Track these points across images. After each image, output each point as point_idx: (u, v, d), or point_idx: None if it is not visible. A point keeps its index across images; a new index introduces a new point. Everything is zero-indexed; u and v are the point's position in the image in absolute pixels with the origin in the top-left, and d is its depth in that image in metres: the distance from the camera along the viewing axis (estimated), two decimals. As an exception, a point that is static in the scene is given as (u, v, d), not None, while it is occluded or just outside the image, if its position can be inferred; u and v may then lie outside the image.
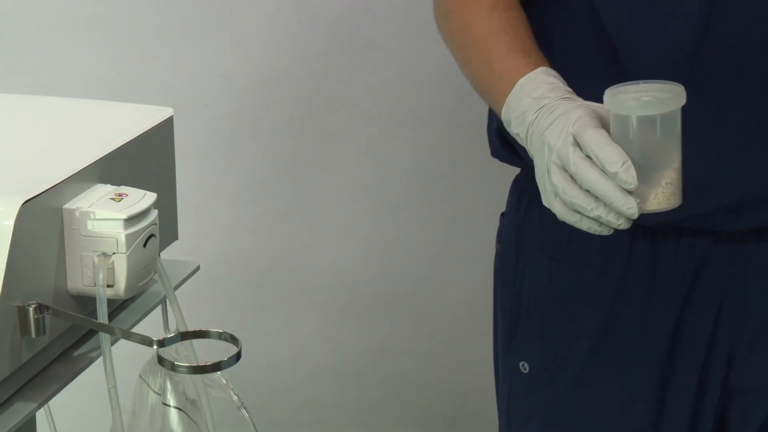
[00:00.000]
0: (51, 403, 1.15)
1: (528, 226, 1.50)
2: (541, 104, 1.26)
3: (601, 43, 1.38)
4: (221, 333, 1.09)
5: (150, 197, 1.15)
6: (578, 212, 1.20)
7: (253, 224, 2.29)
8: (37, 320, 1.08)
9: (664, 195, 1.18)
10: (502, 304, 1.55)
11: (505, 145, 1.51)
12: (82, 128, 1.27)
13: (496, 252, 1.56)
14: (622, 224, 1.19)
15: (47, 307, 1.09)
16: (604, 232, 1.20)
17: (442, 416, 2.38)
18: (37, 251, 1.09)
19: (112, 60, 2.17)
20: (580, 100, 1.25)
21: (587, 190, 1.18)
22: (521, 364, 1.52)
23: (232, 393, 1.25)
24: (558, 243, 1.47)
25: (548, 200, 1.23)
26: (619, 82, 1.24)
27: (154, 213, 1.15)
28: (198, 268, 1.35)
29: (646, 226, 1.40)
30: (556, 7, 1.42)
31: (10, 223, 1.05)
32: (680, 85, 1.18)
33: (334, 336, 2.36)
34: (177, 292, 1.26)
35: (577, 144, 1.19)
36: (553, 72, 1.30)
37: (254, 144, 2.26)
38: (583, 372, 1.48)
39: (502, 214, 1.57)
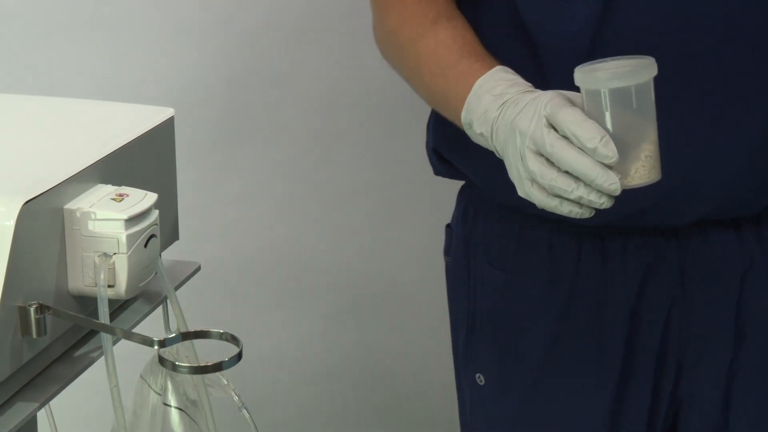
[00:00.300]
0: (52, 403, 1.15)
1: (476, 238, 1.49)
2: (503, 100, 1.25)
3: (520, 31, 1.38)
4: (222, 333, 1.09)
5: (151, 197, 1.15)
6: (558, 196, 1.18)
7: (253, 224, 2.29)
8: (38, 320, 1.08)
9: (644, 168, 1.16)
10: (456, 317, 1.55)
11: (443, 162, 1.50)
12: (83, 128, 1.27)
13: (446, 265, 1.56)
14: (605, 203, 1.16)
15: (48, 308, 1.09)
16: (585, 214, 1.18)
17: (442, 416, 2.38)
18: (38, 251, 1.09)
19: (112, 60, 2.17)
20: (543, 91, 1.23)
21: (566, 172, 1.16)
22: (477, 376, 1.51)
23: (233, 393, 1.25)
24: (505, 253, 1.46)
25: (525, 189, 1.20)
26: (538, 73, 1.26)
27: (155, 213, 1.15)
28: (199, 269, 1.35)
29: (593, 229, 1.40)
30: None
31: (12, 223, 1.05)
32: (651, 58, 1.16)
33: (334, 336, 2.36)
34: (178, 292, 1.26)
35: (551, 125, 1.17)
36: (510, 70, 1.29)
37: (255, 144, 2.26)
38: (537, 383, 1.47)
39: (448, 226, 1.57)
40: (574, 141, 1.15)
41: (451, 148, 1.48)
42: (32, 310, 1.08)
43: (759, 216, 1.43)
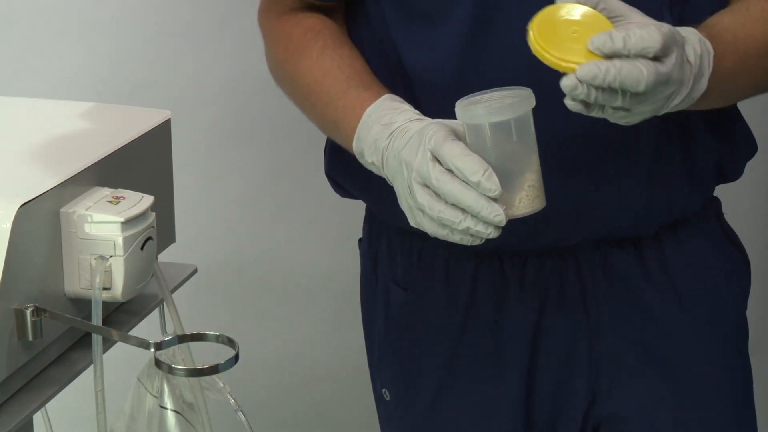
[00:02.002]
0: (48, 405, 1.15)
1: (382, 256, 1.50)
2: (391, 129, 1.25)
3: (394, 57, 1.38)
4: (218, 336, 1.09)
5: (147, 200, 1.15)
6: (448, 226, 1.18)
7: (250, 227, 2.29)
8: (34, 323, 1.08)
9: (528, 198, 1.17)
10: (367, 331, 1.55)
11: (338, 187, 1.52)
12: (79, 131, 1.27)
13: (360, 281, 1.56)
14: (492, 233, 1.16)
15: (44, 310, 1.09)
16: (476, 242, 1.18)
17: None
18: (35, 254, 1.09)
19: (109, 62, 2.17)
20: (430, 119, 1.24)
21: (453, 204, 1.16)
22: (383, 390, 1.51)
23: (229, 396, 1.25)
24: (408, 273, 1.46)
25: (416, 219, 1.21)
26: (413, 101, 1.27)
27: (152, 216, 1.15)
28: (195, 271, 1.35)
29: (492, 251, 1.40)
30: (363, 26, 1.42)
31: (8, 226, 1.05)
32: (528, 89, 1.16)
33: (331, 338, 2.36)
34: (174, 295, 1.26)
35: (436, 159, 1.17)
36: (398, 98, 1.29)
37: (252, 147, 2.26)
38: (435, 402, 1.46)
39: (360, 240, 1.57)
40: (458, 174, 1.15)
41: (345, 174, 1.49)
42: (28, 312, 1.08)
43: (659, 235, 1.41)
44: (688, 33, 1.20)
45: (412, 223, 1.22)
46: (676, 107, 1.20)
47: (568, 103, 1.13)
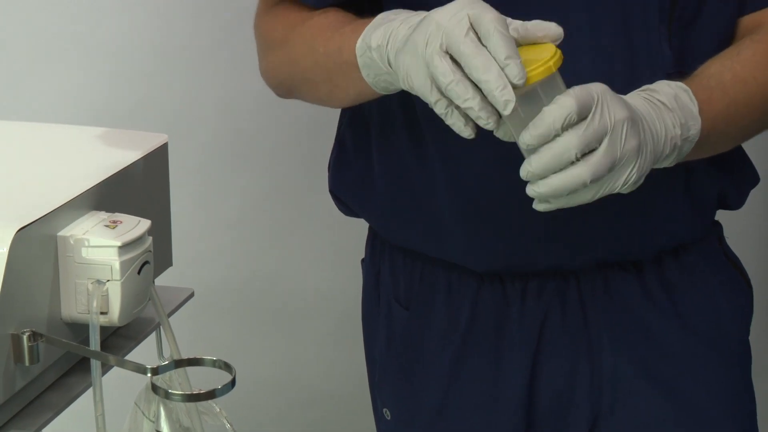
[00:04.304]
0: (45, 430, 1.15)
1: (384, 275, 1.50)
2: (409, 16, 1.18)
3: None
4: (215, 361, 1.09)
5: (144, 224, 1.15)
6: (451, 103, 1.12)
7: (246, 249, 2.29)
8: (31, 348, 1.08)
9: None
10: (367, 352, 1.55)
11: (341, 204, 1.51)
12: (76, 155, 1.27)
13: (362, 299, 1.56)
14: (490, 124, 1.11)
15: (41, 335, 1.08)
16: (467, 132, 1.12)
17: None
18: (32, 279, 1.09)
19: (106, 85, 2.17)
20: None
21: (468, 80, 1.09)
22: (384, 410, 1.51)
23: (225, 421, 1.24)
24: (409, 291, 1.46)
25: (426, 91, 1.14)
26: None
27: (149, 240, 1.15)
28: (192, 294, 1.35)
29: (493, 272, 1.40)
30: None
31: (5, 250, 1.04)
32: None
33: (329, 360, 2.36)
34: (171, 318, 1.25)
35: (472, 28, 1.10)
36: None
37: (247, 169, 2.26)
38: (435, 423, 1.46)
39: (362, 261, 1.57)
40: (490, 50, 1.09)
41: (348, 192, 1.48)
42: (25, 337, 1.07)
43: (661, 258, 1.41)
44: (656, 85, 1.22)
45: (412, 84, 1.15)
46: (681, 150, 1.20)
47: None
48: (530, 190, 1.13)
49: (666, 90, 1.21)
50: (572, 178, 1.11)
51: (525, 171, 1.12)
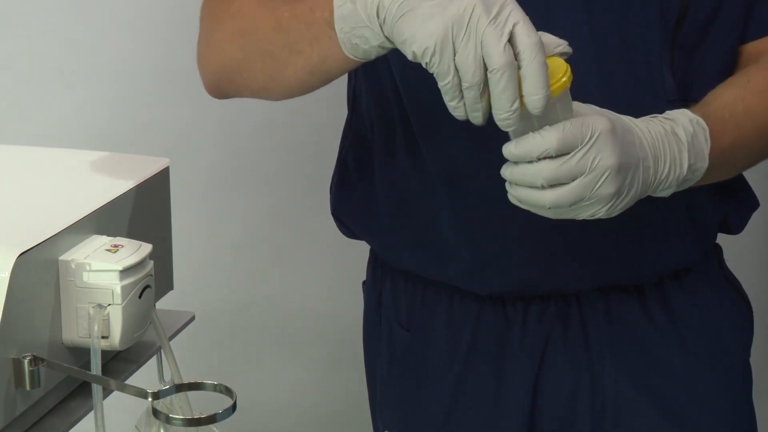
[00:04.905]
0: (45, 455, 1.15)
1: (386, 298, 1.50)
2: None
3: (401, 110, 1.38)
4: (216, 385, 1.09)
5: (146, 248, 1.15)
6: (457, 86, 1.07)
7: (247, 272, 2.29)
8: (32, 372, 1.08)
9: None
10: (368, 374, 1.55)
11: (343, 226, 1.51)
12: (78, 179, 1.27)
13: (363, 321, 1.56)
14: (477, 117, 1.07)
15: (42, 359, 1.08)
16: (458, 112, 1.08)
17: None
18: (33, 303, 1.09)
19: (108, 109, 2.17)
20: None
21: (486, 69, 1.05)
22: None
23: (226, 445, 1.24)
24: (411, 314, 1.46)
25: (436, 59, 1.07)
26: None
27: (150, 264, 1.15)
28: (193, 318, 1.35)
29: (494, 294, 1.40)
30: (368, 78, 1.42)
31: (6, 275, 1.05)
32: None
33: (331, 384, 2.35)
34: (172, 342, 1.25)
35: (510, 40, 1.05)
36: None
37: (248, 192, 2.26)
38: None
39: (364, 282, 1.57)
40: (522, 62, 1.05)
41: (351, 215, 1.49)
42: (26, 362, 1.07)
43: (662, 281, 1.41)
44: (679, 114, 1.20)
45: (416, 49, 1.08)
46: (683, 184, 1.19)
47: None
48: (507, 187, 1.14)
49: (685, 124, 1.19)
50: (535, 199, 1.11)
51: (503, 171, 1.13)
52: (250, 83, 1.32)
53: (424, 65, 1.08)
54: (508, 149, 1.11)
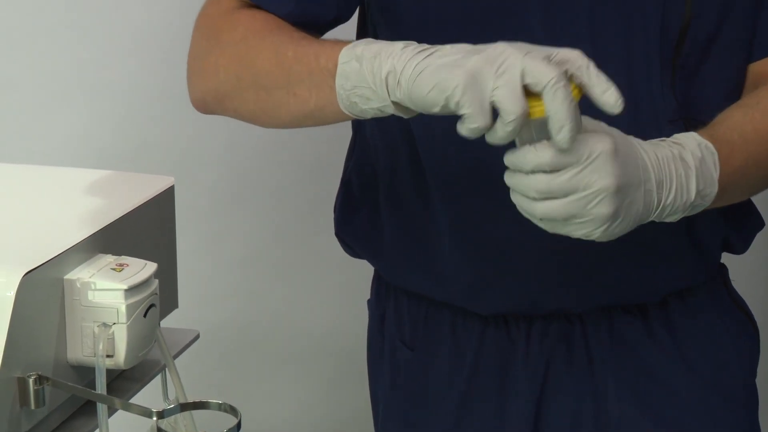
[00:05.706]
0: (50, 474, 1.15)
1: (389, 317, 1.50)
2: (414, 47, 1.11)
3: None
4: (221, 404, 1.09)
5: (150, 267, 1.15)
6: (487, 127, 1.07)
7: (252, 291, 2.29)
8: (36, 391, 1.08)
9: None
10: (371, 392, 1.55)
11: (347, 247, 1.52)
12: (83, 198, 1.27)
13: (367, 339, 1.56)
14: (477, 127, 1.07)
15: (47, 378, 1.08)
16: (470, 126, 1.07)
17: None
18: (38, 322, 1.09)
19: (112, 126, 2.18)
20: None
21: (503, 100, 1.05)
22: None
23: (231, 464, 1.24)
24: (414, 332, 1.46)
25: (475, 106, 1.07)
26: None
27: (155, 283, 1.15)
28: (198, 337, 1.35)
29: (498, 314, 1.40)
30: (380, 135, 1.42)
31: (12, 294, 1.05)
32: None
33: (335, 401, 2.35)
34: (176, 360, 1.25)
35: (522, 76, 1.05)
36: None
37: (252, 209, 2.26)
38: None
39: (368, 301, 1.57)
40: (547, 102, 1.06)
41: (354, 237, 1.49)
42: (31, 381, 1.07)
43: (666, 301, 1.41)
44: (687, 138, 1.19)
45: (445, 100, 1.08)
46: (693, 209, 1.18)
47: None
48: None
49: (693, 149, 1.18)
50: (528, 208, 1.12)
51: (505, 174, 1.13)
52: (239, 110, 1.32)
53: (452, 107, 1.07)
54: (506, 156, 1.11)
